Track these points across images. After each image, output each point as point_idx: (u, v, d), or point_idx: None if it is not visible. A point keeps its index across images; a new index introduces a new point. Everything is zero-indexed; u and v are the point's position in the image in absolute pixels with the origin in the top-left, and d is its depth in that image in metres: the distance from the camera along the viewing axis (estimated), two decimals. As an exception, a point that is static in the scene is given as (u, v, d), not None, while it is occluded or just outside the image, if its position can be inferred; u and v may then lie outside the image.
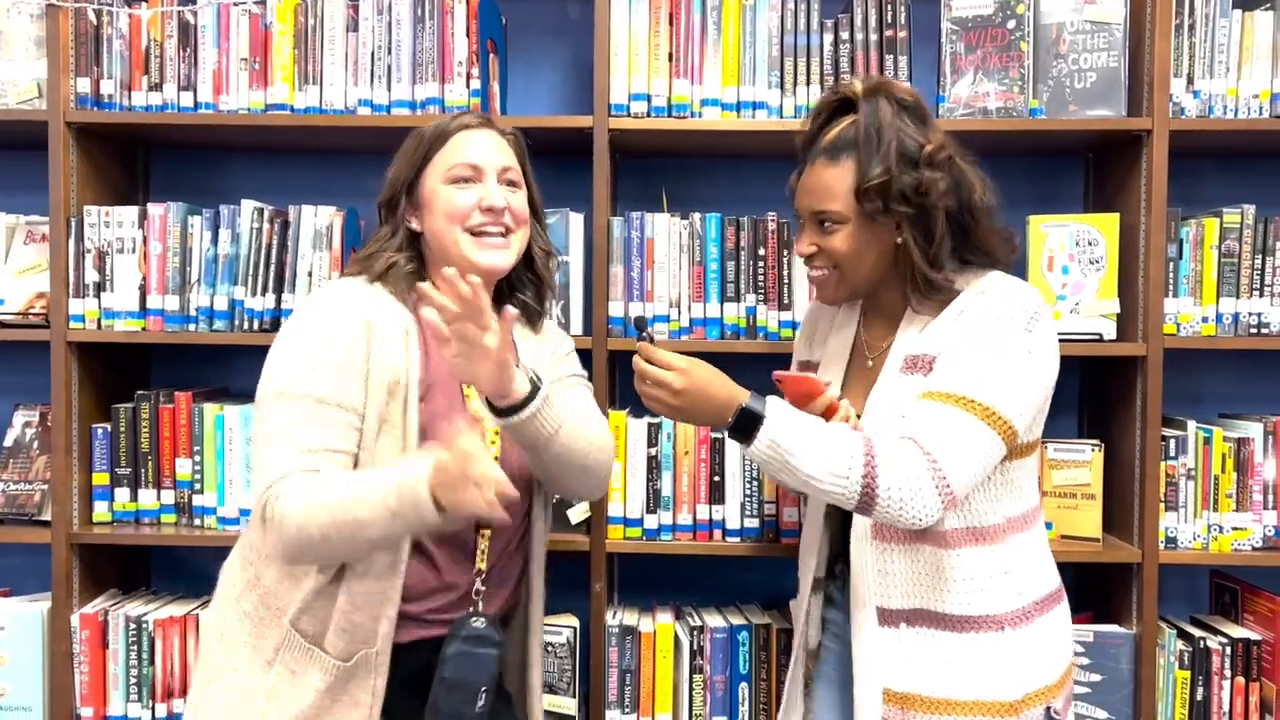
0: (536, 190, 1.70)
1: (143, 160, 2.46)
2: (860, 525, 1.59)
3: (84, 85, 2.19)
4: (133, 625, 2.18)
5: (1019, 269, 2.14)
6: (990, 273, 1.60)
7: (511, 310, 1.43)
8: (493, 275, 1.60)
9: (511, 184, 1.62)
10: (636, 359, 1.51)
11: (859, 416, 1.60)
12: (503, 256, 1.59)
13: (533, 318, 1.73)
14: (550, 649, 2.17)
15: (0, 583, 2.38)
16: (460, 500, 1.32)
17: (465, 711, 1.52)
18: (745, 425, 1.46)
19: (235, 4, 2.21)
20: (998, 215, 1.61)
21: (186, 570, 2.43)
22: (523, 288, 1.72)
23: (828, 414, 1.57)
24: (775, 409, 1.47)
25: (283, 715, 1.50)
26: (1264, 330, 2.14)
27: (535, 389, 1.47)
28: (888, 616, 1.57)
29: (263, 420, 1.49)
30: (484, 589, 1.60)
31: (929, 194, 1.52)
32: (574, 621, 2.21)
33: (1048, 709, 1.56)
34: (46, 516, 2.21)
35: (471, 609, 1.59)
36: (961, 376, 1.48)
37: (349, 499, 1.39)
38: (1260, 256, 2.14)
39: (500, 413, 1.46)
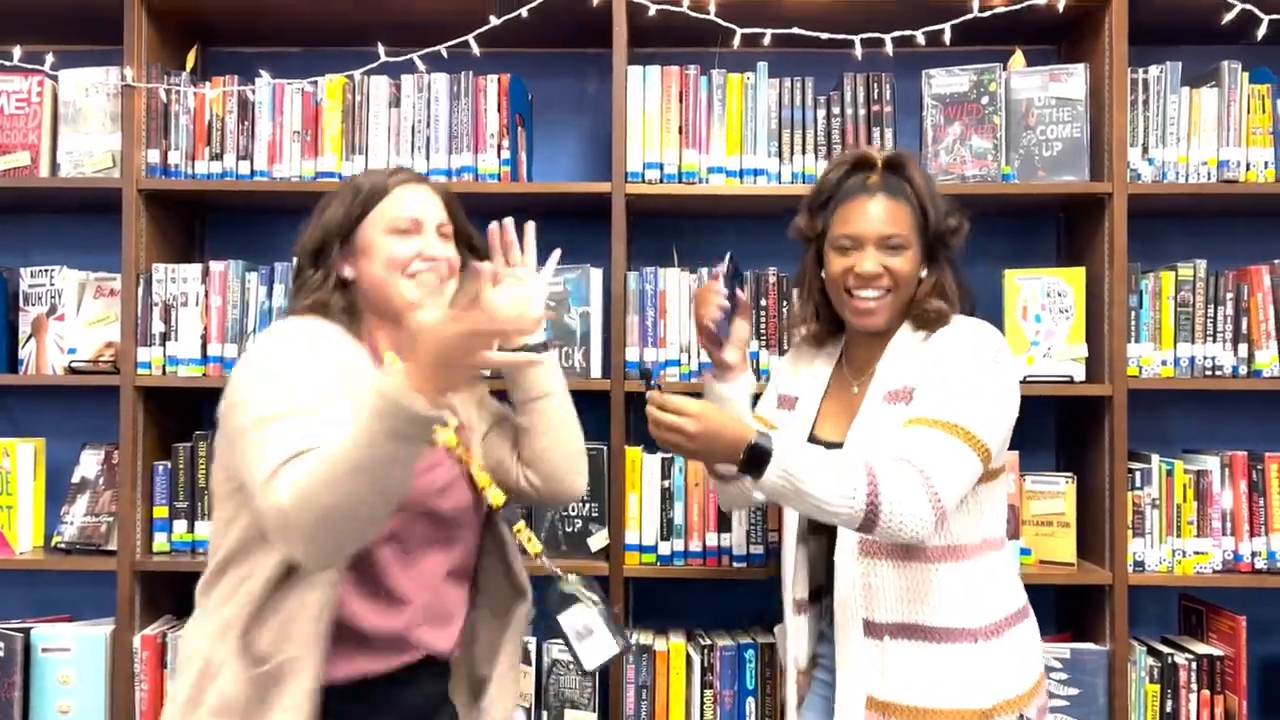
0: (473, 230, 1.74)
1: (200, 222, 2.69)
2: (846, 544, 1.71)
3: (154, 156, 2.42)
4: (189, 646, 2.37)
5: (995, 318, 2.37)
6: (958, 316, 1.80)
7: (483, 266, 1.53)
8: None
9: (444, 236, 1.65)
10: (650, 408, 1.62)
11: (840, 445, 1.73)
12: (441, 300, 1.62)
13: None
14: (572, 667, 2.35)
15: (62, 610, 2.56)
16: (473, 357, 1.28)
17: None
18: (756, 460, 1.57)
19: (289, 83, 2.45)
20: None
21: (234, 598, 2.62)
22: None
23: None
24: (782, 442, 1.59)
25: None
26: (1217, 372, 2.34)
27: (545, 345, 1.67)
28: (873, 629, 1.69)
29: (246, 451, 1.42)
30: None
31: (958, 239, 1.79)
32: (594, 642, 2.39)
33: (1020, 716, 1.70)
34: (111, 546, 2.40)
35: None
36: (945, 404, 1.64)
37: (333, 450, 1.31)
38: (1212, 306, 2.34)
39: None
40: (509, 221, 1.82)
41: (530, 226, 1.83)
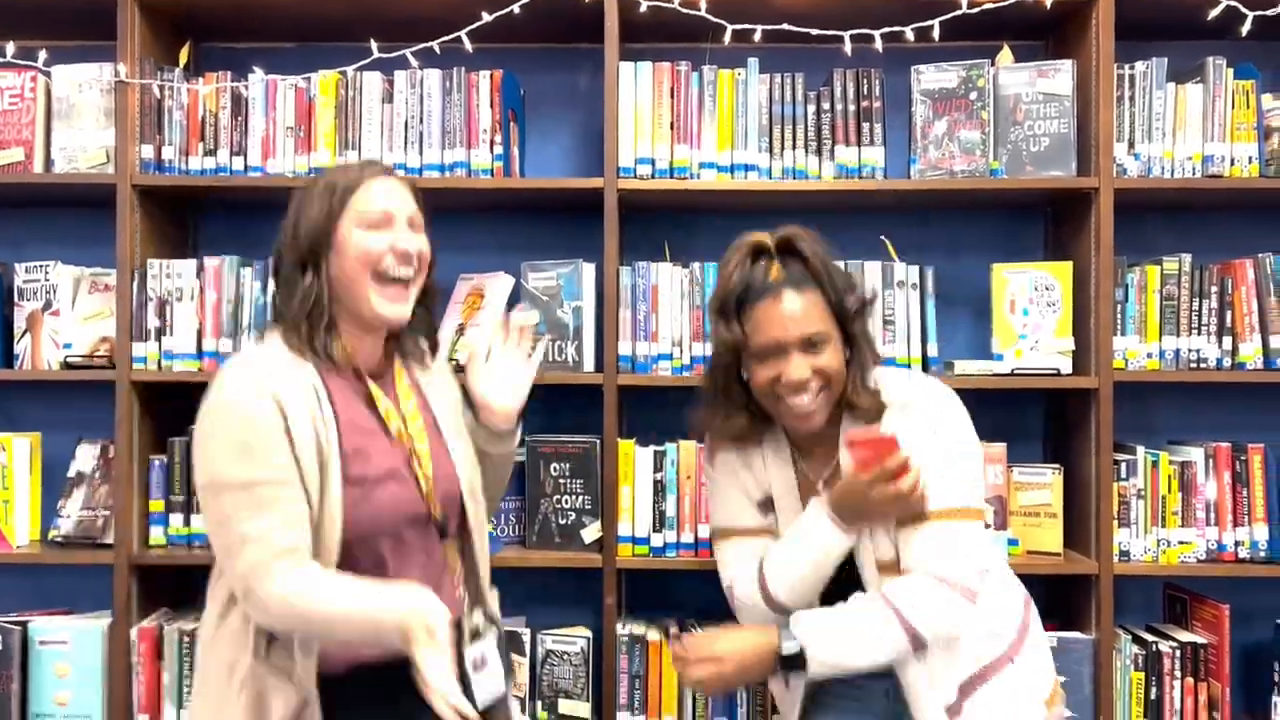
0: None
1: (194, 217, 2.70)
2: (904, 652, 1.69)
3: (147, 152, 2.43)
4: (185, 639, 2.38)
5: (983, 311, 2.40)
6: (882, 377, 1.75)
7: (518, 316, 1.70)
8: (394, 326, 1.65)
9: (415, 228, 1.65)
10: (677, 661, 1.69)
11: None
12: (404, 310, 1.63)
13: (422, 357, 1.76)
14: (565, 657, 2.38)
15: (59, 603, 2.57)
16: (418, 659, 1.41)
17: None
18: (791, 664, 1.62)
19: (282, 79, 2.46)
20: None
21: (231, 590, 2.64)
22: (415, 328, 1.73)
23: (900, 472, 1.62)
24: (807, 637, 1.62)
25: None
26: (1202, 365, 2.37)
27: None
28: (953, 710, 1.70)
29: (209, 510, 1.53)
30: None
31: (865, 311, 1.76)
32: (587, 633, 2.42)
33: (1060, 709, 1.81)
34: (108, 540, 2.42)
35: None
36: (939, 493, 1.67)
37: (334, 616, 1.46)
38: (1197, 299, 2.37)
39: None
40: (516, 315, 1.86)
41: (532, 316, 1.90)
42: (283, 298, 1.63)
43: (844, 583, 1.74)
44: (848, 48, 2.37)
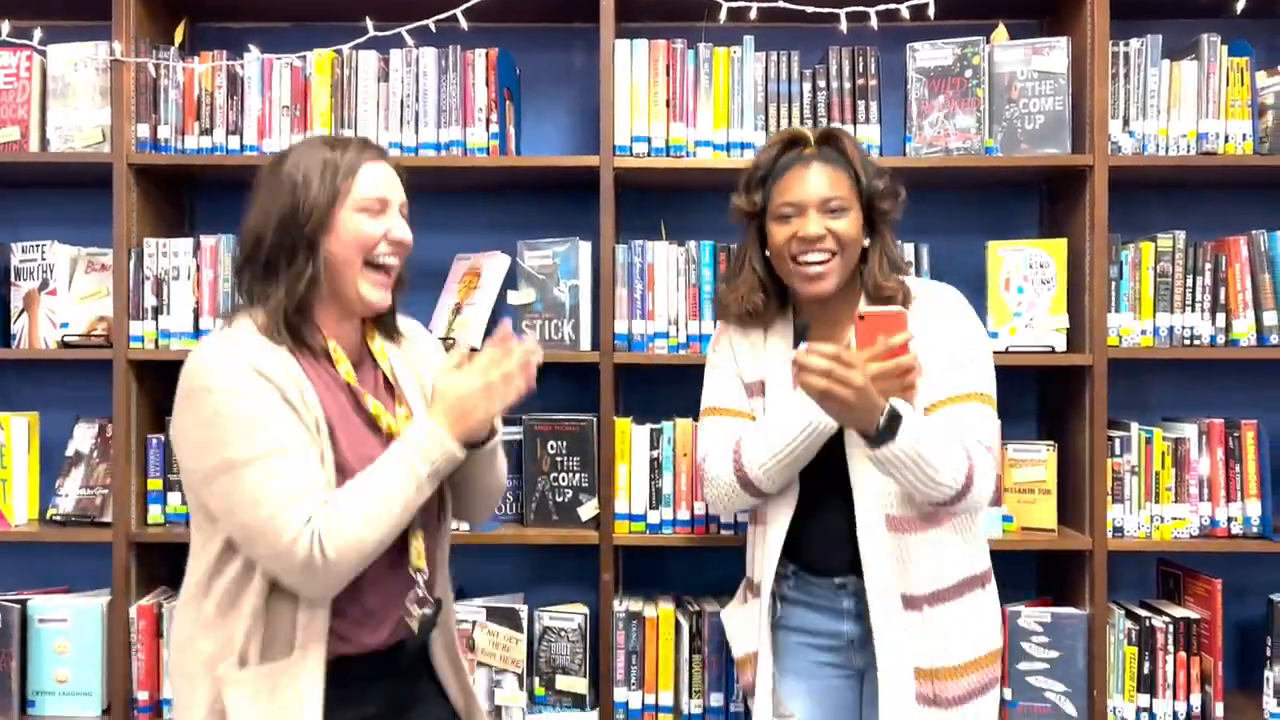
0: None
1: (190, 196, 2.70)
2: (873, 521, 1.72)
3: (143, 131, 2.43)
4: (184, 616, 2.40)
5: (979, 289, 2.41)
6: (912, 278, 1.84)
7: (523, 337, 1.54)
8: (377, 312, 1.62)
9: (404, 215, 1.62)
10: (817, 359, 1.54)
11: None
12: (387, 297, 1.60)
13: (393, 333, 1.71)
14: (563, 634, 2.40)
15: (58, 582, 2.59)
16: (492, 408, 1.48)
17: None
18: (892, 423, 1.57)
19: (278, 58, 2.46)
20: None
21: (229, 569, 2.65)
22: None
23: (900, 350, 1.60)
24: (906, 411, 1.59)
25: None
26: (1195, 342, 2.38)
27: (493, 433, 1.60)
28: (912, 602, 1.73)
29: (227, 494, 1.42)
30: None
31: (894, 205, 1.80)
32: (584, 609, 2.43)
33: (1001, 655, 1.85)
34: (106, 519, 2.43)
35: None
36: (972, 377, 1.74)
37: (383, 503, 1.43)
38: (1191, 276, 2.38)
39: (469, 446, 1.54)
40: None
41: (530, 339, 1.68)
42: (260, 280, 1.53)
43: (824, 479, 1.77)
44: (843, 25, 2.37)
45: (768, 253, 1.83)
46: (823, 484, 1.78)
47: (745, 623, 1.93)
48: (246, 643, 1.46)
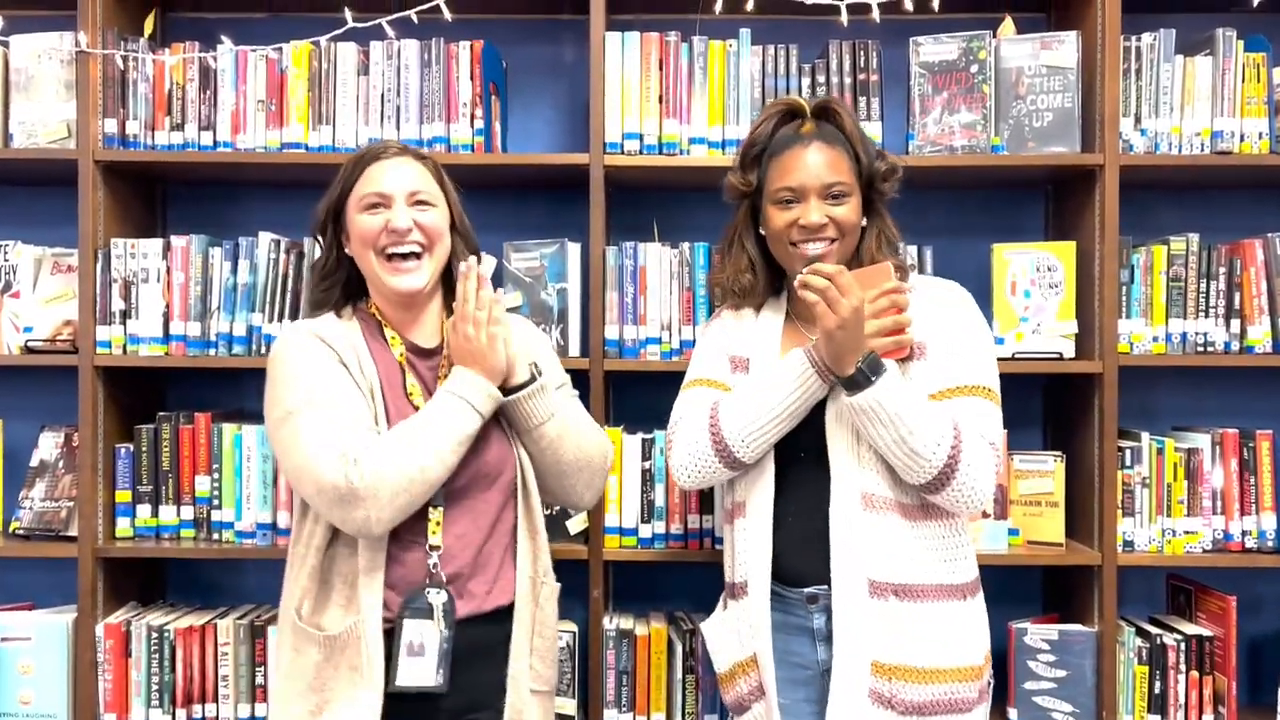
0: (456, 205, 1.75)
1: (160, 195, 2.60)
2: (849, 502, 1.64)
3: (111, 126, 2.33)
4: (154, 635, 2.30)
5: (983, 293, 2.32)
6: (916, 276, 1.82)
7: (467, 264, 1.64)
8: (409, 297, 1.69)
9: (422, 204, 1.67)
10: (814, 277, 1.57)
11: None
12: (416, 279, 1.67)
13: None
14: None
15: (22, 597, 2.48)
16: (483, 354, 1.61)
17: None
18: (872, 369, 1.56)
19: (253, 50, 2.36)
20: None
21: (202, 582, 2.55)
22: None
23: (891, 292, 1.66)
24: (894, 369, 1.60)
25: (295, 689, 1.62)
26: (1209, 348, 2.30)
27: (534, 378, 1.67)
28: (878, 589, 1.63)
29: (283, 440, 1.60)
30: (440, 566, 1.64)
31: (892, 183, 1.76)
32: (573, 627, 2.34)
33: (989, 679, 1.73)
34: (72, 532, 2.32)
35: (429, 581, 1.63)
36: (975, 370, 1.68)
37: (413, 430, 1.57)
38: (1204, 280, 2.30)
39: (505, 392, 1.66)
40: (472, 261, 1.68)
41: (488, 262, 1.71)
42: (315, 286, 1.77)
43: (802, 467, 1.70)
44: (844, 18, 2.27)
45: (761, 230, 1.78)
46: (801, 472, 1.70)
47: (730, 631, 1.79)
48: (302, 599, 1.62)
